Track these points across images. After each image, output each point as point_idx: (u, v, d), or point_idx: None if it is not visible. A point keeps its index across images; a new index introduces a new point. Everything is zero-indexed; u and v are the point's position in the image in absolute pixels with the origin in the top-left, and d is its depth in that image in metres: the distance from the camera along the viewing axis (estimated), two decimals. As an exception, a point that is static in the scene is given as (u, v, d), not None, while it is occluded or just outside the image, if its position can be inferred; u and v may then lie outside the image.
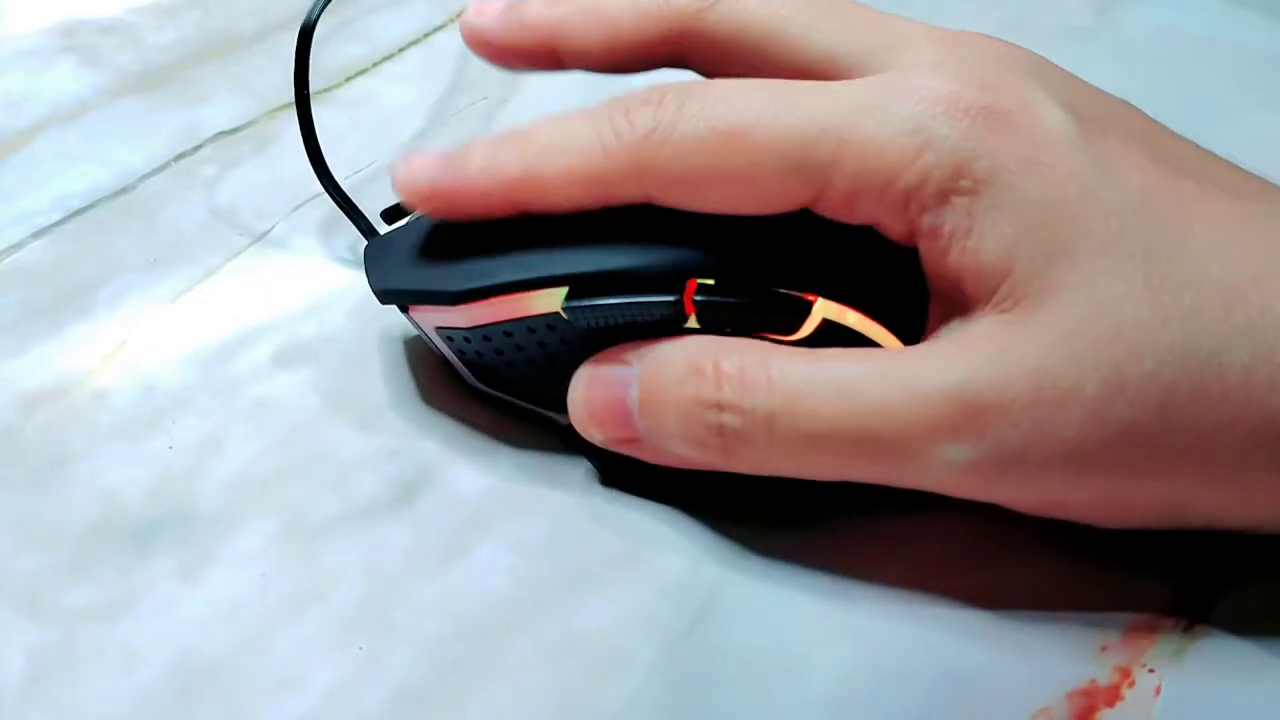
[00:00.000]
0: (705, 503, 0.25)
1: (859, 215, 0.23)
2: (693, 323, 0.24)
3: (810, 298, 0.23)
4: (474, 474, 0.26)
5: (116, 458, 0.26)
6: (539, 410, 0.26)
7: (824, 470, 0.23)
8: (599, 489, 0.25)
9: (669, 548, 0.24)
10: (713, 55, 0.25)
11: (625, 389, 0.24)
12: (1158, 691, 0.22)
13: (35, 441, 0.26)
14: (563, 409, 0.25)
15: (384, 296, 0.26)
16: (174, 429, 0.26)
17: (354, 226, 0.29)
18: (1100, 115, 0.23)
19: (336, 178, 0.29)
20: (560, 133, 0.24)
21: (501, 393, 0.26)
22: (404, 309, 0.26)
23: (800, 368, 0.22)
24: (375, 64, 0.37)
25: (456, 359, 0.26)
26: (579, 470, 0.26)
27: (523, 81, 0.36)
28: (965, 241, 0.22)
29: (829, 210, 0.23)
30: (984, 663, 0.22)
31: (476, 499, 0.25)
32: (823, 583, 0.24)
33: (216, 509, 0.25)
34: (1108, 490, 0.22)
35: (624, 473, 0.25)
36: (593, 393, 0.24)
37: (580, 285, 0.24)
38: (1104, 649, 0.23)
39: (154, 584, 0.24)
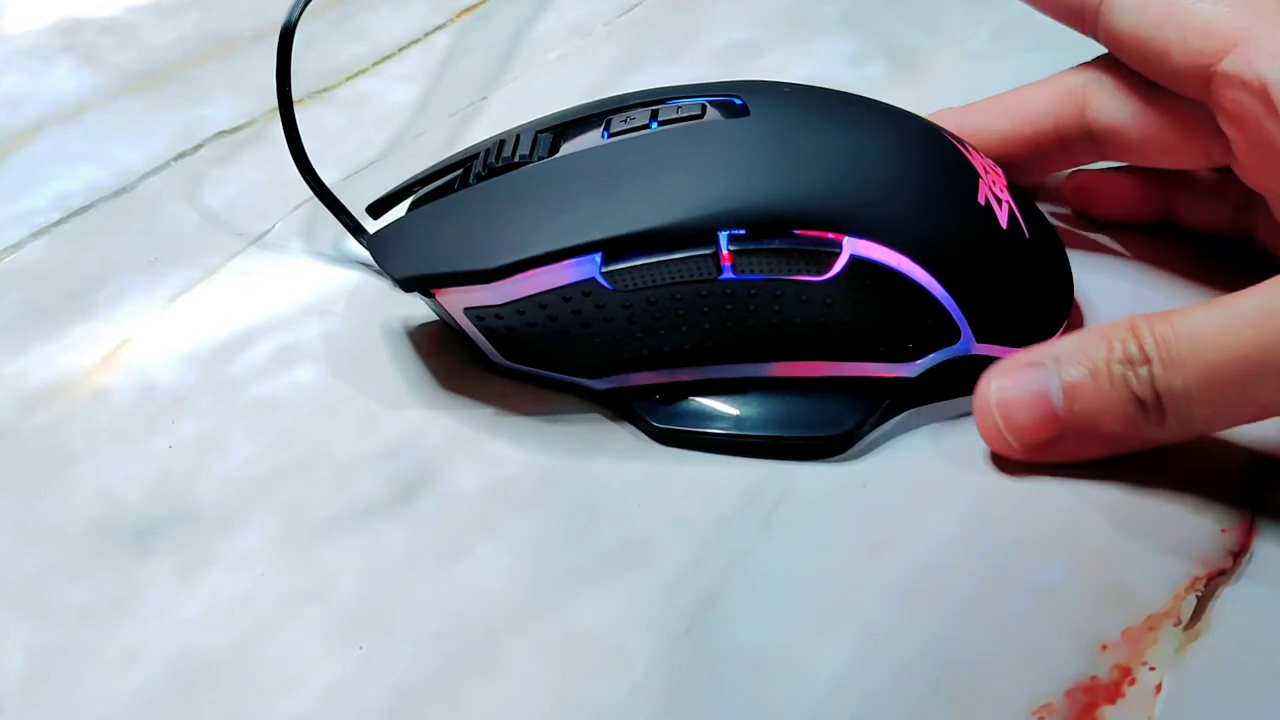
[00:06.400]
0: (751, 449, 0.26)
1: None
2: (729, 273, 0.24)
3: (837, 236, 0.24)
4: (473, 473, 0.26)
5: (116, 457, 0.26)
6: (570, 379, 0.26)
7: (1246, 402, 0.23)
8: (598, 488, 0.25)
9: (669, 546, 0.24)
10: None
11: (1045, 383, 0.24)
12: (1158, 689, 0.22)
13: (35, 441, 0.26)
14: (595, 374, 0.26)
15: (409, 284, 0.26)
16: (174, 429, 0.26)
17: (338, 223, 0.29)
18: None
19: (333, 176, 0.29)
20: None
21: (530, 366, 0.27)
22: (427, 293, 0.26)
23: (1190, 315, 0.23)
24: (375, 63, 0.37)
25: (484, 338, 0.26)
26: (578, 469, 0.26)
27: (525, 81, 0.36)
28: None
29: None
30: (984, 660, 0.22)
31: (475, 498, 0.25)
32: (823, 582, 0.24)
33: (216, 509, 0.25)
34: None
35: (675, 432, 0.26)
36: (1007, 399, 0.25)
37: (613, 249, 0.24)
38: (1105, 647, 0.23)
39: (154, 584, 0.24)
